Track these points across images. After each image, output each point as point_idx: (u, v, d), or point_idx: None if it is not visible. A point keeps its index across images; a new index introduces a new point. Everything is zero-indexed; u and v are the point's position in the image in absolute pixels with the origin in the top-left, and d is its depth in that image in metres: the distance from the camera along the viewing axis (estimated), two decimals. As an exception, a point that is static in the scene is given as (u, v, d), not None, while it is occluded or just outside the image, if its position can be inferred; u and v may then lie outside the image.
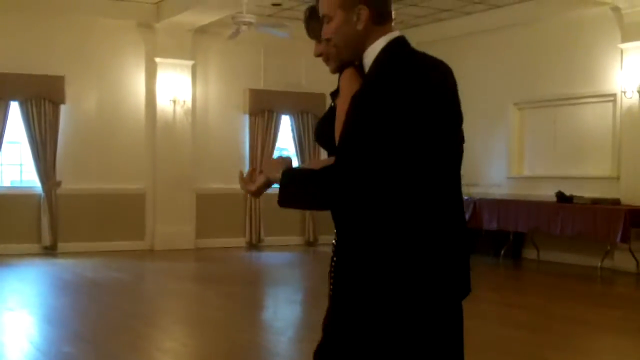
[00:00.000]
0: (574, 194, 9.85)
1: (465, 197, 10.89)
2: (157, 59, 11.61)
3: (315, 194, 2.12)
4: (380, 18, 2.15)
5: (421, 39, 12.16)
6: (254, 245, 12.17)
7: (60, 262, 10.30)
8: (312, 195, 2.14)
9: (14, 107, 10.86)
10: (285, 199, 2.14)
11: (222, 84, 12.28)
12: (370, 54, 2.15)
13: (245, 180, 2.28)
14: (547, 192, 10.25)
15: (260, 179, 2.24)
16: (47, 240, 10.89)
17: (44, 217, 10.89)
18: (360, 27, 2.14)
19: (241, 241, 12.20)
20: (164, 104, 11.69)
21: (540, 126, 11.03)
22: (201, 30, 11.75)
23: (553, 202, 9.99)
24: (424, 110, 2.03)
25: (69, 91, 11.06)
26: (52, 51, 10.96)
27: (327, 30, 2.20)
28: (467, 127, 2.45)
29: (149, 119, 11.71)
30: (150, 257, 11.07)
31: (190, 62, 11.81)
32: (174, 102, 11.71)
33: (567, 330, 6.30)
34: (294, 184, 2.14)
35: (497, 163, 11.50)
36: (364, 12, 2.13)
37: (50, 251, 10.89)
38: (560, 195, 9.95)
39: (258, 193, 2.27)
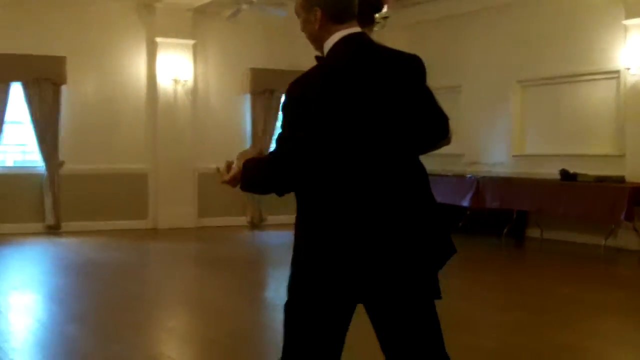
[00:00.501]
0: (578, 171, 9.79)
1: (468, 176, 10.86)
2: (158, 39, 11.55)
3: (261, 178, 2.45)
4: (337, 17, 2.40)
5: (424, 17, 12.09)
6: (256, 224, 12.17)
7: (63, 241, 10.33)
8: (260, 180, 2.46)
9: (16, 88, 10.84)
10: (244, 185, 2.47)
11: (223, 63, 12.22)
12: (327, 48, 2.43)
13: (222, 172, 2.54)
14: (551, 170, 10.19)
15: (234, 169, 2.49)
16: (50, 219, 10.92)
17: (47, 196, 10.91)
18: (316, 26, 2.42)
19: (243, 220, 12.21)
20: (165, 84, 11.66)
21: (544, 104, 10.96)
22: (201, 10, 11.66)
23: (557, 181, 9.93)
24: (349, 98, 2.29)
25: (70, 72, 11.02)
26: (53, 32, 10.90)
27: (300, 26, 2.49)
28: (470, 105, 2.45)
29: (150, 99, 11.68)
30: (153, 237, 11.09)
31: (191, 42, 11.75)
32: (175, 81, 11.67)
33: (571, 310, 6.28)
34: (249, 171, 2.44)
35: (501, 141, 11.43)
36: (318, 13, 2.40)
37: (53, 230, 10.92)
38: (564, 173, 9.88)
39: (232, 181, 2.50)
